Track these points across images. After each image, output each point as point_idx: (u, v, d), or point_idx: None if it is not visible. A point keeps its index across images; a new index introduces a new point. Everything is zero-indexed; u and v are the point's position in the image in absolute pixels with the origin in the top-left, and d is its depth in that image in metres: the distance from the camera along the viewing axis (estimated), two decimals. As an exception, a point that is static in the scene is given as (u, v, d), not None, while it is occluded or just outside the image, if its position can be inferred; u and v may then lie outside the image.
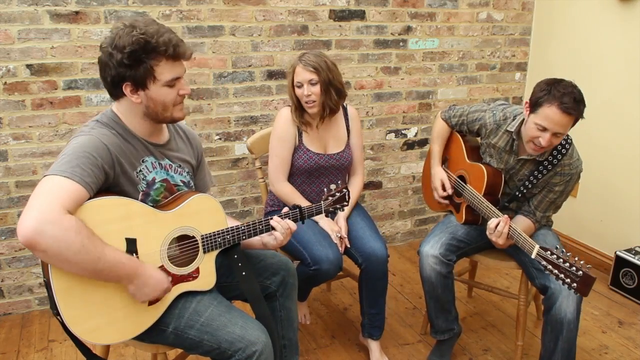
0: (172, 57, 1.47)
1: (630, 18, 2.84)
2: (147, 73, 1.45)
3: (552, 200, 2.07)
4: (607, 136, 3.04)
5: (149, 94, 1.48)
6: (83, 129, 1.51)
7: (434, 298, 2.16)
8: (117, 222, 1.43)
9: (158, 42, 1.43)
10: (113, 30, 1.46)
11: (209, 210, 1.62)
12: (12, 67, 2.40)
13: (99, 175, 1.41)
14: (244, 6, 2.72)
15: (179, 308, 1.57)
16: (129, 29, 1.44)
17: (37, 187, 1.34)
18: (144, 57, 1.43)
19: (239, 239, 1.67)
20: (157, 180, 1.58)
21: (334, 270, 2.10)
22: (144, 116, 1.54)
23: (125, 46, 1.41)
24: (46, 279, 1.37)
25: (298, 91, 2.16)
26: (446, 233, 2.16)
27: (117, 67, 1.44)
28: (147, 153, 1.58)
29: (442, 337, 2.25)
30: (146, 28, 1.44)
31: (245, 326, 1.55)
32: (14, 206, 2.55)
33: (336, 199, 1.88)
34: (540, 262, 1.79)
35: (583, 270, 1.69)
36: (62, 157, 1.40)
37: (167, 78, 1.48)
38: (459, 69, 3.34)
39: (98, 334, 1.42)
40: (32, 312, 2.69)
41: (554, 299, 1.94)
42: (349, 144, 2.34)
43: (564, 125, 1.84)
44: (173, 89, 1.51)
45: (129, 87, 1.47)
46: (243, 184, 2.98)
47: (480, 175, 2.12)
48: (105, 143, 1.45)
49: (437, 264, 2.09)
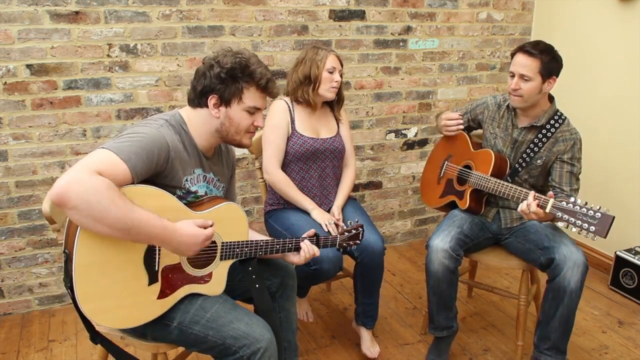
0: (262, 89, 1.60)
1: (630, 18, 2.85)
2: (236, 92, 1.57)
3: (570, 170, 2.11)
4: (607, 135, 3.04)
5: (229, 112, 1.59)
6: (151, 122, 1.55)
7: (437, 294, 2.16)
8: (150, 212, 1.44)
9: (256, 71, 1.57)
10: (219, 51, 1.61)
11: (234, 220, 1.66)
12: (12, 67, 2.40)
13: (150, 168, 1.45)
14: (244, 6, 2.72)
15: (185, 304, 1.58)
16: (234, 52, 1.59)
17: (86, 156, 1.37)
18: (240, 77, 1.56)
19: (255, 253, 1.70)
20: (199, 193, 1.63)
21: (334, 269, 2.12)
22: (215, 131, 1.62)
23: (227, 63, 1.55)
24: (68, 251, 1.38)
25: (328, 75, 2.24)
26: (454, 227, 2.18)
27: (212, 78, 1.56)
28: (199, 164, 1.63)
29: (441, 334, 2.26)
30: (249, 57, 1.59)
31: (251, 323, 1.57)
32: (14, 206, 2.55)
33: (351, 235, 1.96)
34: (556, 214, 1.83)
35: (600, 212, 1.72)
36: (122, 137, 1.43)
37: (251, 104, 1.60)
38: (459, 69, 3.34)
39: (105, 315, 1.44)
40: (32, 312, 2.70)
41: (559, 269, 1.98)
42: (339, 133, 2.41)
43: (526, 67, 2.02)
44: (251, 117, 1.62)
45: (214, 100, 1.58)
46: (243, 184, 2.98)
47: (487, 158, 2.19)
48: (168, 143, 1.50)
49: (447, 258, 2.10)
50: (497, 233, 2.26)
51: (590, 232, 1.73)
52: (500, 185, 2.08)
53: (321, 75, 2.23)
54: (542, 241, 2.10)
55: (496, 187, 2.09)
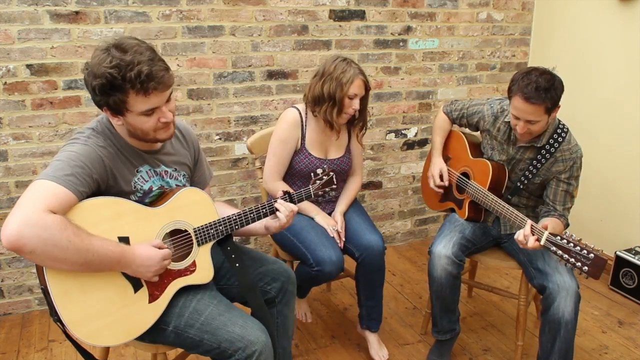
0: (143, 92, 1.40)
1: (630, 18, 2.84)
2: (120, 104, 1.42)
3: (566, 190, 2.05)
4: (607, 136, 3.04)
5: (127, 120, 1.47)
6: (78, 136, 1.50)
7: (440, 298, 2.16)
8: (107, 222, 1.43)
9: (125, 78, 1.37)
10: (96, 51, 1.43)
11: (198, 203, 1.62)
12: (12, 67, 2.40)
13: (91, 185, 1.42)
14: (244, 6, 2.72)
15: (179, 307, 1.57)
16: (105, 55, 1.39)
17: (26, 191, 1.34)
18: (111, 92, 1.40)
19: (231, 228, 1.66)
20: (154, 188, 1.59)
21: (336, 271, 2.11)
22: (130, 135, 1.54)
23: (96, 76, 1.39)
24: (43, 286, 1.37)
25: (347, 101, 2.16)
26: (456, 232, 2.17)
27: (92, 92, 1.44)
28: (142, 162, 1.58)
29: (444, 337, 2.26)
30: (120, 58, 1.38)
31: (245, 326, 1.55)
32: (14, 206, 2.54)
33: (323, 182, 1.88)
34: (550, 248, 1.77)
35: (594, 252, 1.67)
36: (56, 163, 1.40)
37: (141, 109, 1.44)
38: (459, 69, 3.34)
39: (100, 335, 1.42)
40: (32, 312, 2.69)
41: (552, 299, 1.94)
42: (348, 149, 2.36)
43: (532, 114, 1.88)
44: (152, 117, 1.47)
45: (108, 112, 1.47)
46: (243, 184, 2.98)
47: (485, 169, 2.14)
48: (100, 155, 1.46)
49: (449, 265, 2.08)
50: (497, 237, 2.26)
51: (583, 272, 1.69)
52: (498, 205, 2.02)
53: (344, 100, 2.15)
54: (537, 260, 2.06)
55: (494, 205, 2.04)
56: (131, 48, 1.40)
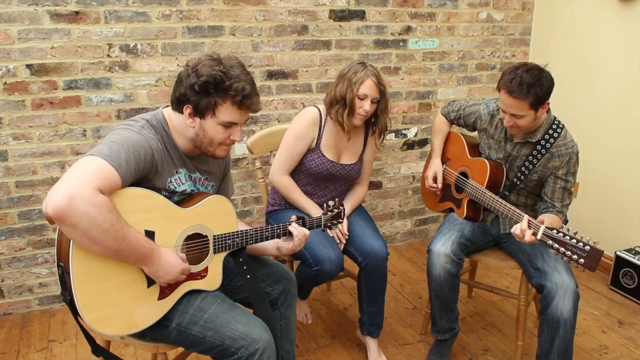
0: (238, 105, 1.52)
1: (630, 18, 2.85)
2: (210, 106, 1.51)
3: (563, 186, 2.06)
4: (607, 136, 3.04)
5: (204, 124, 1.54)
6: (133, 124, 1.53)
7: (439, 297, 2.16)
8: (139, 213, 1.45)
9: (231, 86, 1.49)
10: (202, 56, 1.54)
11: (222, 212, 1.66)
12: (12, 67, 2.40)
13: (136, 176, 1.44)
14: (244, 6, 2.72)
15: (183, 304, 1.58)
16: (215, 62, 1.51)
17: (77, 163, 1.34)
18: (213, 92, 1.50)
19: (247, 242, 1.70)
20: (187, 192, 1.62)
21: (336, 270, 2.11)
22: (191, 140, 1.59)
23: (202, 74, 1.48)
24: (63, 264, 1.37)
25: (357, 101, 2.13)
26: (455, 231, 2.17)
27: (187, 88, 1.50)
28: (182, 164, 1.62)
29: (444, 336, 2.26)
30: (230, 69, 1.51)
31: (249, 324, 1.56)
32: (14, 206, 2.55)
33: (334, 214, 1.95)
34: (546, 242, 1.78)
35: (590, 244, 1.69)
36: (109, 143, 1.41)
37: (225, 119, 1.54)
38: (459, 69, 3.34)
39: (108, 323, 1.43)
40: (32, 312, 2.69)
41: (550, 298, 1.95)
42: (361, 158, 2.35)
43: (515, 107, 1.91)
44: (226, 131, 1.56)
45: (188, 110, 1.53)
46: (243, 184, 2.98)
47: (482, 168, 2.15)
48: (152, 148, 1.49)
49: (448, 263, 2.09)
50: (497, 236, 2.26)
51: (579, 264, 1.70)
52: (496, 202, 2.03)
53: (354, 101, 2.13)
54: (535, 259, 2.07)
55: (492, 203, 2.05)
56: (239, 67, 1.54)
